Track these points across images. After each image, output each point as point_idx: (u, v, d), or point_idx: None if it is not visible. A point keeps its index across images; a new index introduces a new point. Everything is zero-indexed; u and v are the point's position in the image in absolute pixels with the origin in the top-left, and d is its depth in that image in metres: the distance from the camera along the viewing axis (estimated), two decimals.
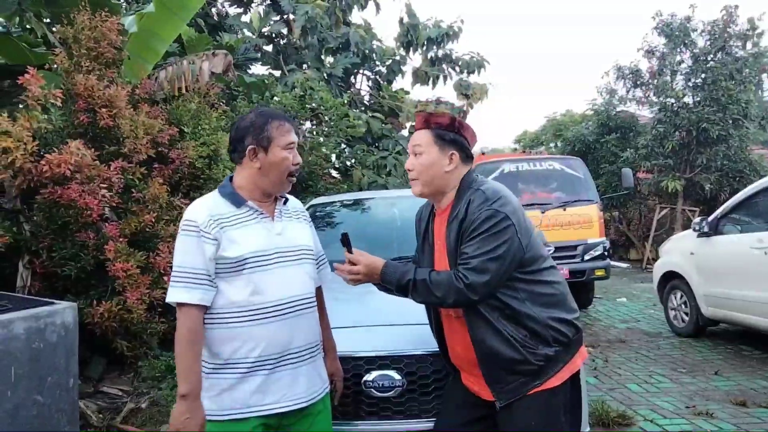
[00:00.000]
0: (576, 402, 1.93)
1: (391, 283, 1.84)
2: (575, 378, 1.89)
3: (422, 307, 2.03)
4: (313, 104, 7.56)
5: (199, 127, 4.79)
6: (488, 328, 1.78)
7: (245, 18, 10.41)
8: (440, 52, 11.38)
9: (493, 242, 1.73)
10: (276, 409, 1.72)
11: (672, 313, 6.10)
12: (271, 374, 1.72)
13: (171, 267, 3.57)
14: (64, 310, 2.65)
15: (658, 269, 6.38)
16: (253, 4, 10.72)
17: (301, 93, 7.59)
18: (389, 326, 2.40)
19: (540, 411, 1.79)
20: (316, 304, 1.89)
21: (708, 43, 12.23)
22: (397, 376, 2.19)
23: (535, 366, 1.77)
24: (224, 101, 6.14)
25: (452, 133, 1.89)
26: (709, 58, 11.96)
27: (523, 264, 1.78)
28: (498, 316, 1.78)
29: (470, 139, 1.93)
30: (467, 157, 1.92)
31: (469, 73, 11.27)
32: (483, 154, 9.72)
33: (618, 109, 14.02)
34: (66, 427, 2.60)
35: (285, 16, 10.40)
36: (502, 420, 1.84)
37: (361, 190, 7.75)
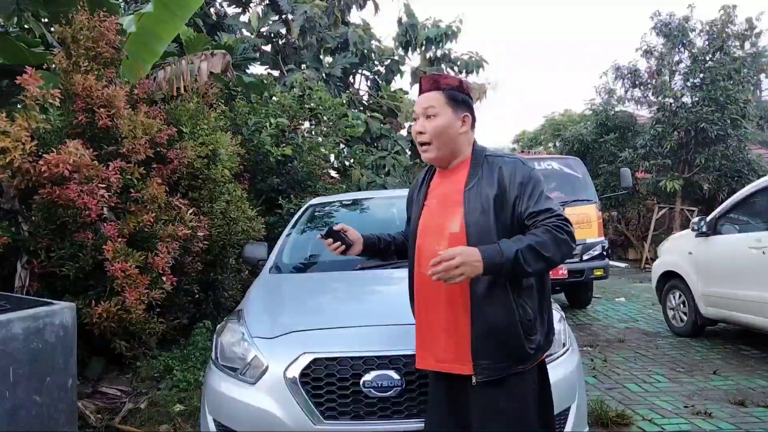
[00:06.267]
0: (545, 387, 1.91)
1: (500, 261, 1.62)
2: (542, 363, 1.90)
3: None
4: (312, 104, 7.56)
5: (198, 127, 4.78)
6: (502, 305, 1.73)
7: (244, 18, 10.42)
8: (439, 52, 11.37)
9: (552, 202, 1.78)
10: None
11: (670, 313, 6.11)
12: None
13: (170, 267, 3.59)
14: (63, 311, 2.64)
15: (657, 269, 6.39)
16: (251, 4, 10.72)
17: (300, 93, 7.59)
18: (388, 326, 2.39)
19: (516, 395, 1.78)
20: None
21: (706, 43, 12.26)
22: (395, 376, 2.18)
23: (527, 352, 1.76)
24: (223, 101, 6.14)
25: (462, 94, 1.87)
26: (707, 58, 11.97)
27: None
28: (516, 294, 1.74)
29: (474, 102, 1.95)
30: (474, 120, 1.92)
31: (468, 73, 11.26)
32: None
33: (616, 109, 14.05)
34: (65, 428, 2.59)
35: (284, 16, 10.41)
36: (477, 396, 1.78)
37: (359, 189, 7.76)
